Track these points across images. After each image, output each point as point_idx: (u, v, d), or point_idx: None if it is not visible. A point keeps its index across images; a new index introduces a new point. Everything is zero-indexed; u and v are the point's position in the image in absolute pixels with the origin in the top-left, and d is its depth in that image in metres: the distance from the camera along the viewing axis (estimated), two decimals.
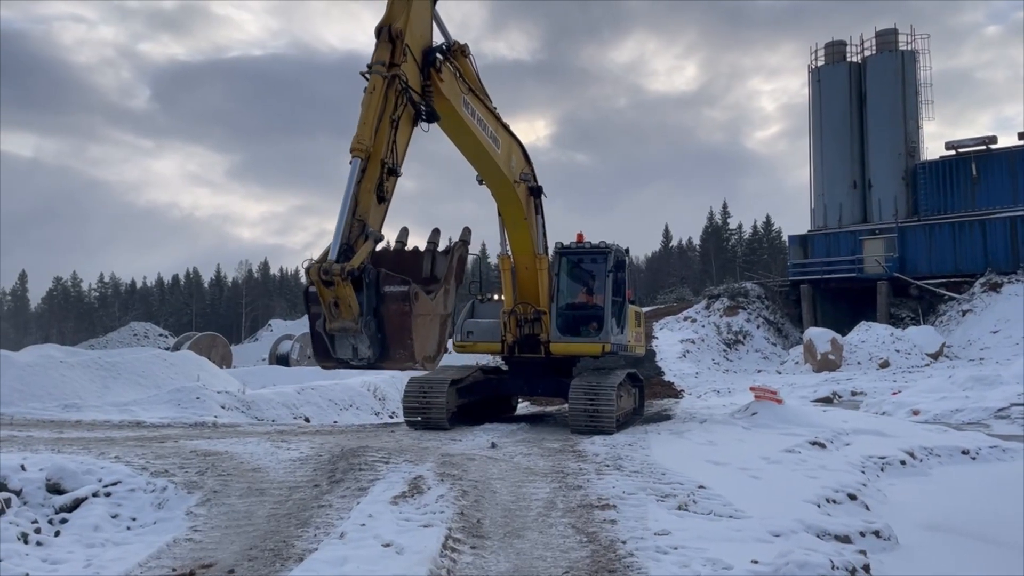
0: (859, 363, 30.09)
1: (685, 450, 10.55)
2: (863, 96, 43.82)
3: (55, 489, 6.92)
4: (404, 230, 10.62)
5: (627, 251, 14.83)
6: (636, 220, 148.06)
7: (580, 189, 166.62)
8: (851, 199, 43.55)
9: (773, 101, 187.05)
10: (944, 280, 36.91)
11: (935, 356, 30.18)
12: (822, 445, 11.23)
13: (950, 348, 31.61)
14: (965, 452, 11.68)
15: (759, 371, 33.28)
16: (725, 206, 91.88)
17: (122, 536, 6.49)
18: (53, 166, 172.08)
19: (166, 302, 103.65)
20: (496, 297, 14.54)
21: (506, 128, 11.82)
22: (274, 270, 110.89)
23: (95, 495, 6.99)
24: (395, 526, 6.22)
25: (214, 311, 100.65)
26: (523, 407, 18.24)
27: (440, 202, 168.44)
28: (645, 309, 31.86)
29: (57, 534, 6.36)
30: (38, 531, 6.26)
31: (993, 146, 39.92)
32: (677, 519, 6.75)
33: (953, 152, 40.65)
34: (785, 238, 64.73)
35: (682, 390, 27.11)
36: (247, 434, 11.89)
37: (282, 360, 43.07)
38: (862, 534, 6.88)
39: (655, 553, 5.78)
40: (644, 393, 15.98)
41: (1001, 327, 32.03)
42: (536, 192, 12.96)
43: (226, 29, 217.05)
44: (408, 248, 10.41)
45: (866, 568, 5.88)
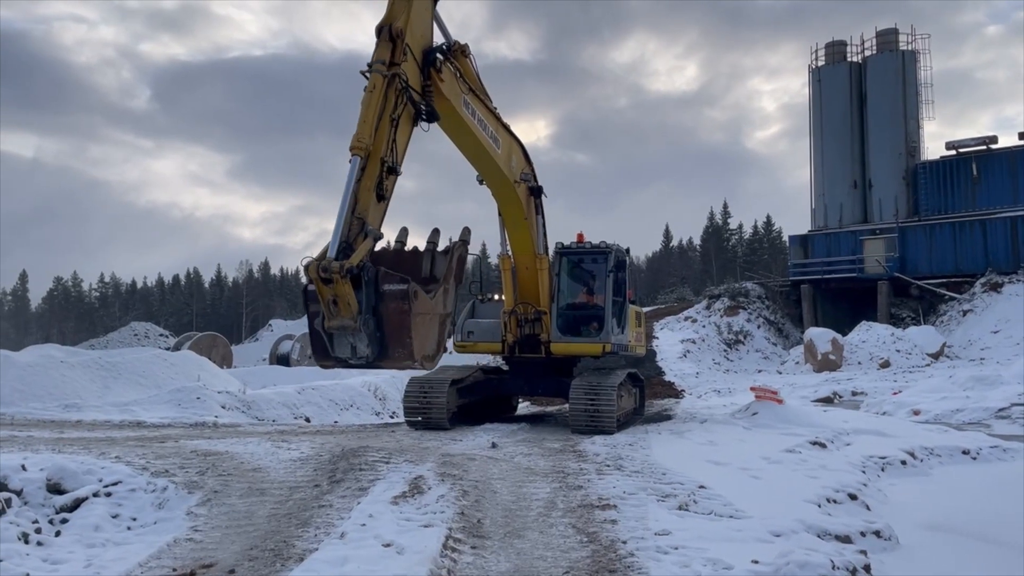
0: (860, 363, 30.07)
1: (686, 450, 10.54)
2: (863, 96, 43.81)
3: (56, 489, 6.92)
4: (404, 230, 10.62)
5: (627, 251, 14.84)
6: (636, 220, 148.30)
7: (580, 189, 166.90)
8: (852, 199, 43.54)
9: (773, 101, 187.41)
10: (945, 280, 36.89)
11: (936, 356, 30.17)
12: (823, 445, 11.23)
13: (951, 348, 31.60)
14: (966, 452, 11.68)
15: (760, 371, 33.25)
16: (725, 206, 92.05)
17: (123, 536, 6.49)
18: (53, 166, 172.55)
19: (166, 302, 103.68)
20: (496, 297, 14.53)
21: (506, 128, 11.82)
22: (274, 270, 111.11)
23: (96, 495, 6.99)
24: (395, 526, 6.22)
25: (214, 311, 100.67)
26: (523, 407, 18.24)
27: (440, 202, 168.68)
28: (646, 309, 31.87)
29: (58, 534, 6.36)
30: (39, 531, 6.27)
31: (994, 146, 39.89)
32: (678, 519, 6.75)
33: (954, 152, 40.62)
34: (785, 238, 64.74)
35: (682, 390, 27.11)
36: (247, 434, 11.89)
37: (282, 360, 43.11)
38: (863, 534, 6.87)
39: (656, 553, 5.78)
40: (644, 393, 15.99)
41: (1002, 327, 32.01)
42: (536, 192, 12.96)
43: (226, 29, 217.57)
44: (408, 248, 10.40)
45: (867, 568, 5.88)
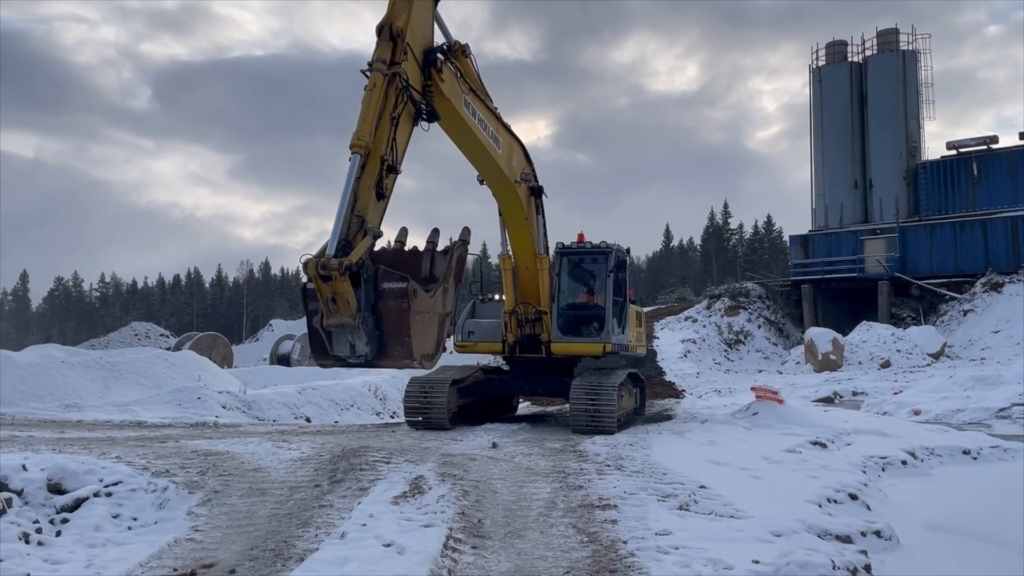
0: (860, 363, 30.06)
1: (686, 450, 10.54)
2: (864, 96, 43.80)
3: (56, 489, 6.92)
4: (403, 230, 10.59)
5: (628, 251, 14.84)
6: (637, 220, 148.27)
7: (581, 189, 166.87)
8: (852, 199, 43.54)
9: (774, 101, 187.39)
10: (945, 280, 36.88)
11: (936, 356, 30.16)
12: (823, 445, 11.23)
13: (951, 348, 31.59)
14: (966, 452, 11.68)
15: (760, 371, 33.25)
16: (726, 206, 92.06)
17: (123, 536, 6.49)
18: (54, 166, 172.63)
19: (167, 302, 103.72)
20: (497, 297, 14.53)
21: (507, 128, 11.81)
22: (275, 270, 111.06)
23: (96, 495, 6.99)
24: (396, 526, 6.22)
25: (215, 311, 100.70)
26: (524, 407, 18.24)
27: (440, 202, 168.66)
28: (646, 309, 31.85)
29: (58, 534, 6.36)
30: (39, 531, 6.27)
31: (994, 146, 39.87)
32: (678, 519, 6.75)
33: (954, 152, 40.61)
34: (786, 238, 64.79)
35: (683, 390, 27.11)
36: (248, 434, 11.89)
37: (283, 360, 43.13)
38: (863, 534, 6.87)
39: (656, 553, 5.78)
40: (645, 393, 15.99)
41: (1002, 327, 32.00)
42: (537, 192, 12.95)
43: (227, 29, 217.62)
44: (407, 248, 10.37)
45: (867, 568, 5.87)
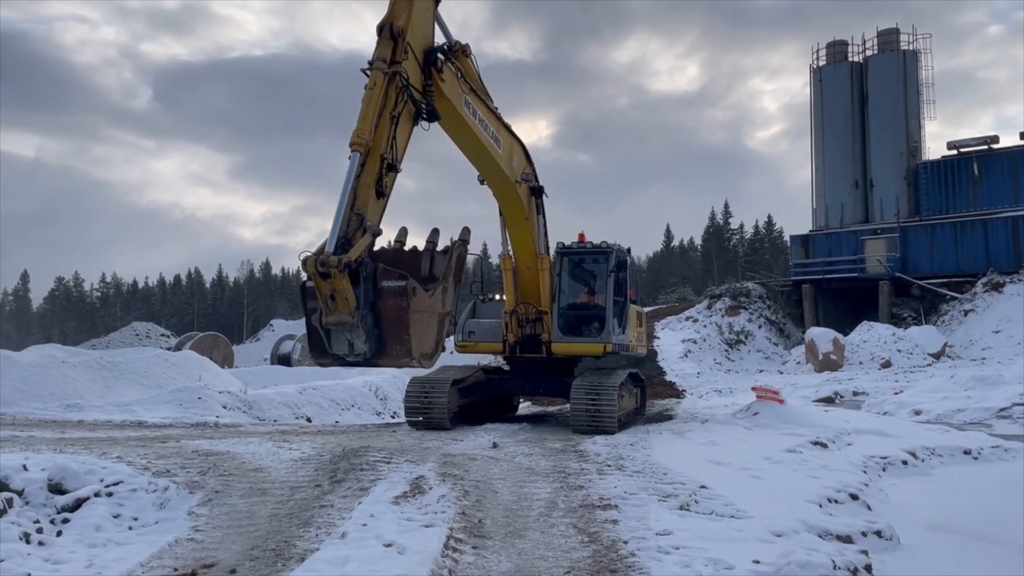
0: (861, 363, 30.04)
1: (687, 450, 10.54)
2: (865, 96, 43.78)
3: (57, 489, 6.92)
4: (403, 230, 10.57)
5: (628, 251, 14.83)
6: (637, 220, 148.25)
7: (581, 189, 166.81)
8: (853, 199, 43.52)
9: (775, 101, 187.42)
10: (946, 280, 36.84)
11: (937, 356, 30.14)
12: (824, 445, 11.22)
13: (952, 348, 31.56)
14: (967, 452, 11.67)
15: (761, 371, 33.23)
16: (727, 206, 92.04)
17: (124, 536, 6.50)
18: (55, 166, 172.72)
19: (168, 302, 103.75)
20: (497, 297, 14.53)
21: (507, 128, 11.81)
22: (276, 270, 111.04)
23: (97, 495, 6.99)
24: (397, 526, 6.23)
25: (216, 311, 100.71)
26: (524, 407, 18.24)
27: (441, 202, 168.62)
28: (647, 309, 31.84)
29: (59, 534, 6.37)
30: (40, 531, 6.27)
31: (995, 146, 39.83)
32: (679, 519, 6.75)
33: (955, 152, 40.58)
34: (787, 238, 64.72)
35: (684, 390, 27.10)
36: (249, 434, 11.89)
37: (284, 360, 43.13)
38: (864, 534, 6.87)
39: (657, 553, 5.78)
40: (646, 393, 15.99)
41: (1003, 327, 31.98)
42: (537, 192, 12.95)
43: (228, 29, 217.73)
44: (407, 248, 10.37)
45: (868, 568, 5.87)
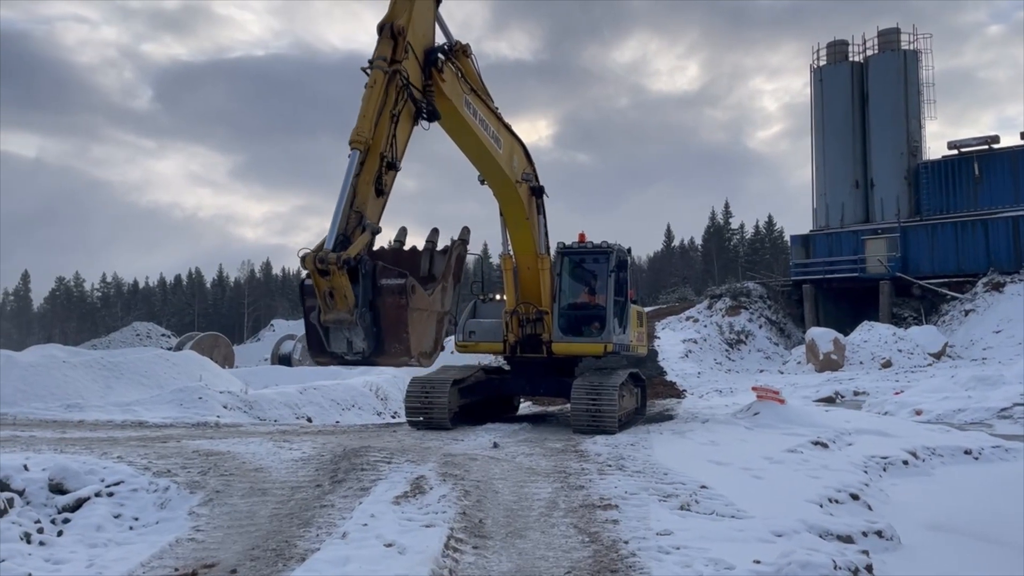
0: (861, 363, 30.04)
1: (687, 450, 10.54)
2: (865, 96, 43.77)
3: (58, 489, 6.93)
4: (403, 230, 10.55)
5: (629, 251, 14.83)
6: (638, 220, 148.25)
7: (582, 189, 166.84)
8: (853, 199, 43.51)
9: (775, 101, 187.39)
10: (946, 280, 36.84)
11: (937, 356, 30.13)
12: (824, 445, 11.22)
13: (952, 348, 31.55)
14: (968, 452, 11.67)
15: (761, 371, 33.23)
16: (727, 206, 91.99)
17: (124, 536, 6.50)
18: (56, 166, 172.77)
19: (168, 302, 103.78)
20: (498, 297, 14.53)
21: (508, 128, 11.81)
22: (276, 270, 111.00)
23: (98, 495, 7.00)
24: (397, 526, 6.23)
25: (216, 311, 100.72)
26: (525, 407, 18.24)
27: (441, 202, 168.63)
28: (647, 309, 31.83)
29: (60, 534, 6.37)
30: (41, 531, 6.27)
31: (995, 146, 39.82)
32: (679, 519, 6.75)
33: (955, 152, 40.57)
34: (787, 238, 64.64)
35: (684, 390, 27.10)
36: (249, 434, 11.90)
37: (284, 360, 43.17)
38: (864, 534, 6.87)
39: (657, 553, 5.78)
40: (646, 393, 15.99)
41: (1004, 327, 31.96)
42: (538, 192, 12.95)
43: (228, 29, 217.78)
44: (406, 247, 10.36)
45: (869, 568, 5.87)
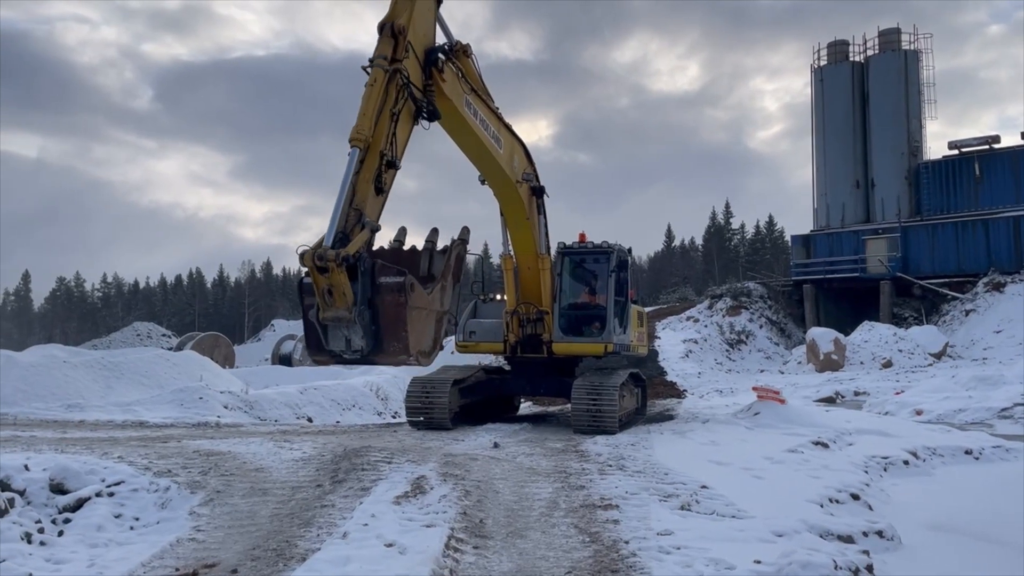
0: (862, 363, 30.03)
1: (688, 450, 10.54)
2: (866, 96, 43.75)
3: (58, 489, 6.93)
4: (402, 229, 10.55)
5: (629, 251, 14.82)
6: (638, 220, 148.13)
7: (582, 189, 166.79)
8: (854, 199, 43.50)
9: (776, 101, 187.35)
10: (947, 280, 36.82)
11: (938, 356, 30.12)
12: (825, 445, 11.22)
13: (953, 348, 31.54)
14: (968, 452, 11.67)
15: (762, 371, 33.23)
16: (728, 206, 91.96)
17: (125, 536, 6.50)
18: (57, 167, 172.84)
19: (169, 302, 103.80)
20: (498, 297, 14.52)
21: (508, 128, 11.81)
22: (277, 270, 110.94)
23: (98, 495, 7.00)
24: (398, 526, 6.23)
25: (217, 311, 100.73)
26: (525, 407, 18.24)
27: (442, 202, 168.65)
28: (648, 309, 31.83)
29: (60, 534, 6.37)
30: (41, 531, 6.28)
31: (996, 145, 39.81)
32: (680, 519, 6.75)
33: (956, 152, 40.55)
34: (788, 238, 64.60)
35: (685, 390, 27.09)
36: (250, 434, 11.90)
37: (285, 360, 43.20)
38: (865, 534, 6.87)
39: (658, 553, 5.78)
40: (647, 393, 15.98)
41: (1004, 327, 31.95)
42: (538, 192, 12.96)
43: (229, 29, 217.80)
44: (406, 247, 10.36)
45: (869, 568, 5.87)
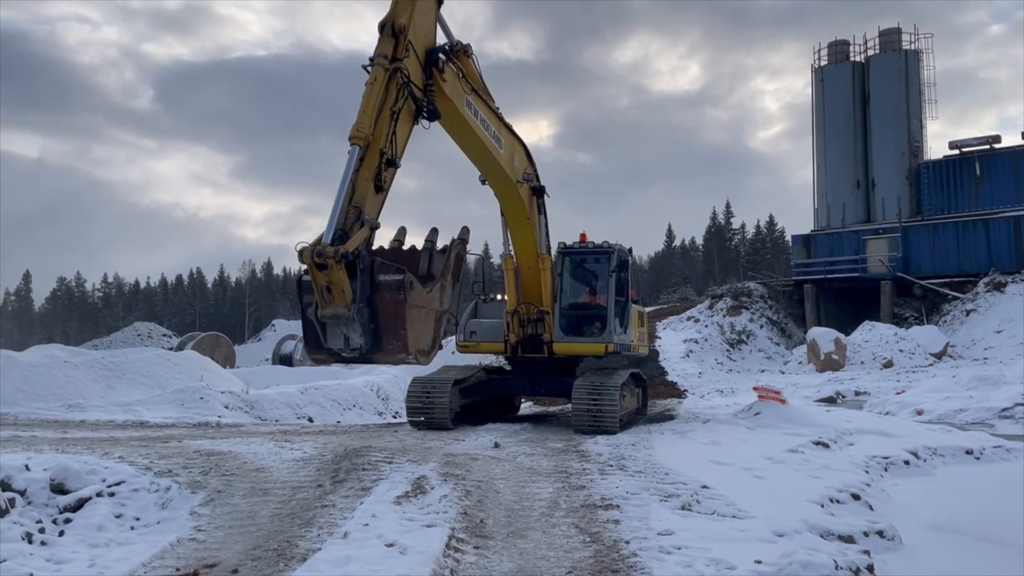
0: (862, 363, 30.02)
1: (688, 450, 10.54)
2: (866, 95, 43.75)
3: (59, 489, 6.93)
4: (402, 229, 10.52)
5: (630, 251, 14.82)
6: (639, 220, 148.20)
7: (583, 189, 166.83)
8: (855, 199, 43.49)
9: (776, 101, 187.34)
10: (948, 280, 36.81)
11: (939, 356, 30.12)
12: (826, 445, 11.22)
13: (954, 348, 31.53)
14: (969, 452, 11.66)
15: (762, 371, 33.23)
16: (728, 206, 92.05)
17: (126, 536, 6.50)
18: (57, 167, 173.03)
19: (170, 302, 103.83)
20: (499, 297, 14.52)
21: (509, 128, 11.81)
22: (277, 270, 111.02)
23: (99, 495, 7.00)
24: (398, 526, 6.23)
25: (217, 311, 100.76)
26: (526, 407, 18.24)
27: (442, 202, 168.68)
28: (648, 309, 31.82)
29: (61, 534, 6.37)
30: (42, 531, 6.28)
31: (997, 145, 39.80)
32: (680, 519, 6.75)
33: (957, 151, 40.55)
34: (788, 238, 64.55)
35: (685, 390, 27.08)
36: (250, 434, 11.90)
37: (285, 360, 43.24)
38: (866, 534, 6.87)
39: (658, 553, 5.78)
40: (647, 393, 15.98)
41: (1005, 327, 31.94)
42: (539, 192, 12.95)
43: (229, 29, 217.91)
44: (406, 247, 10.34)
45: (870, 568, 5.87)
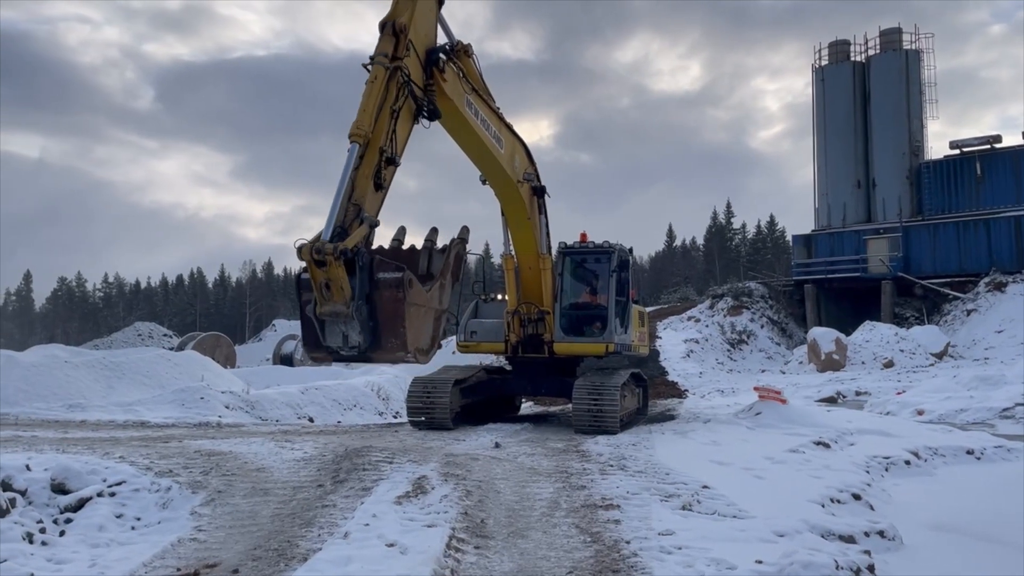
0: (863, 363, 30.02)
1: (689, 450, 10.54)
2: (867, 95, 43.73)
3: (60, 489, 6.94)
4: (402, 229, 10.51)
5: (631, 251, 14.82)
6: (640, 220, 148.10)
7: (583, 189, 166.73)
8: (855, 198, 43.47)
9: (777, 100, 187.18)
10: (948, 280, 36.80)
11: (939, 356, 30.11)
12: (826, 445, 11.21)
13: (954, 348, 31.52)
14: (970, 452, 11.66)
15: (763, 371, 33.22)
16: (729, 206, 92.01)
17: (127, 536, 6.51)
18: (58, 167, 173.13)
19: (170, 302, 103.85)
20: (500, 297, 14.53)
21: (509, 128, 11.81)
22: (278, 270, 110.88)
23: (100, 495, 7.01)
24: (399, 526, 6.23)
25: (218, 311, 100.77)
26: (527, 407, 18.24)
27: (442, 202, 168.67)
28: (649, 309, 31.81)
29: (62, 534, 6.38)
30: (43, 531, 6.28)
31: (997, 145, 39.79)
32: (681, 519, 6.75)
33: (957, 151, 40.54)
34: (789, 238, 64.51)
35: (686, 390, 27.09)
36: (251, 434, 11.91)
37: (286, 360, 43.22)
38: (866, 534, 6.87)
39: (659, 553, 5.78)
40: (648, 393, 15.99)
41: (1006, 327, 31.93)
42: (539, 192, 12.95)
43: (230, 29, 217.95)
44: (406, 247, 10.34)
45: (871, 568, 5.87)
